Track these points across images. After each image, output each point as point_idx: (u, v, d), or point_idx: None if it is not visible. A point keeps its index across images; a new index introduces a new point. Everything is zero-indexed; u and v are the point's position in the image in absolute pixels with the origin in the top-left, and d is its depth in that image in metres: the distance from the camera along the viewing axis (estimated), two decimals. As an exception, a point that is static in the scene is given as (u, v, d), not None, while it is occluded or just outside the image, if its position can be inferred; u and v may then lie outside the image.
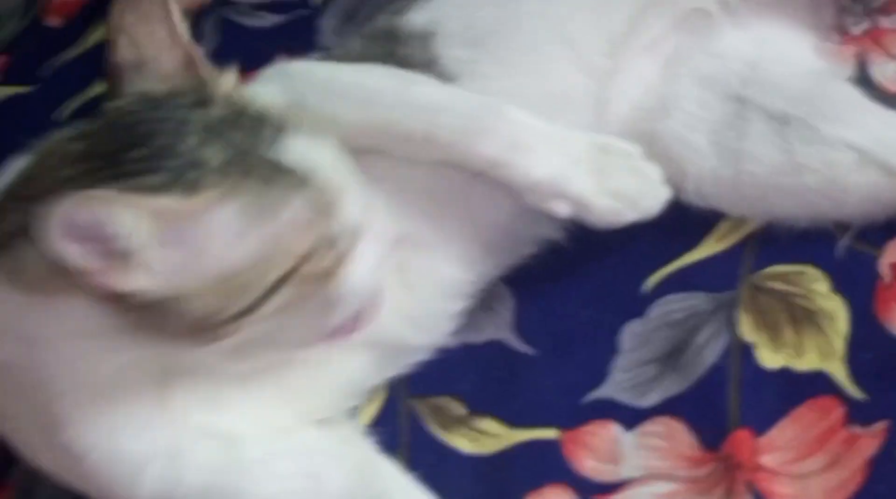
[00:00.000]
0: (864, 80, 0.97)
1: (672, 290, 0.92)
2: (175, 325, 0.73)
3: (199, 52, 0.80)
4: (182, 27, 0.79)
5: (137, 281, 0.70)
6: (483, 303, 0.95)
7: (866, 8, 1.03)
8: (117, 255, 0.69)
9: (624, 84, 0.94)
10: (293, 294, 0.74)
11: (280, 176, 0.74)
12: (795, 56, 0.96)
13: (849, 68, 0.98)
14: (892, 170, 0.87)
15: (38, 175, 0.75)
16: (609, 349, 0.90)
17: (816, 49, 0.99)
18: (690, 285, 0.91)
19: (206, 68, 0.79)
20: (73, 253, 0.68)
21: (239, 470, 0.81)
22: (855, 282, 0.87)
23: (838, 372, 0.83)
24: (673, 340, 0.89)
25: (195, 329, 0.73)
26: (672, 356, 0.88)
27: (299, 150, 0.75)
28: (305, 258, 0.74)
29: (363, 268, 0.77)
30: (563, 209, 0.87)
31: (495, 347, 0.93)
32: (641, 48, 0.95)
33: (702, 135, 0.92)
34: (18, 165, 0.77)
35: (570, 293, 0.94)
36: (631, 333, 0.91)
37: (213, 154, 0.73)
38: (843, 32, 1.02)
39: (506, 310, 0.95)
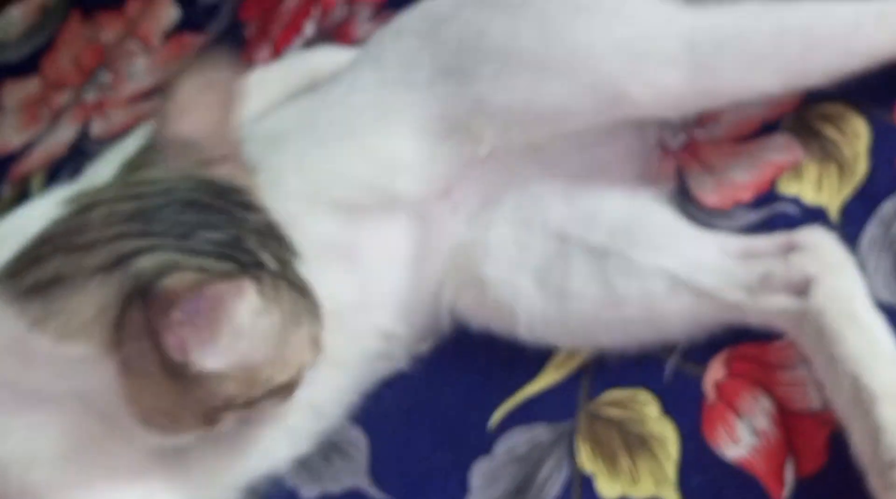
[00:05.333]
0: (683, 194, 1.01)
1: (516, 423, 0.94)
2: (194, 405, 0.80)
3: (241, 149, 0.86)
4: (236, 116, 0.86)
5: (214, 360, 0.77)
6: (339, 450, 0.98)
7: (682, 122, 1.06)
8: (216, 334, 0.76)
9: (435, 242, 0.98)
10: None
11: (308, 294, 0.83)
12: (614, 186, 0.98)
13: (669, 184, 1.02)
14: (701, 291, 0.89)
15: (82, 228, 0.79)
16: (460, 490, 0.92)
17: (637, 171, 1.02)
18: (532, 417, 0.94)
19: (246, 169, 0.85)
20: (183, 330, 0.75)
21: None
22: (682, 403, 0.90)
23: (671, 498, 0.86)
24: (519, 475, 0.92)
25: (205, 412, 0.81)
26: (519, 493, 0.91)
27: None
28: (298, 372, 0.84)
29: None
30: None
31: (353, 496, 0.95)
32: (445, 209, 0.98)
33: (526, 277, 0.95)
34: (41, 210, 0.82)
35: (421, 434, 0.97)
36: (480, 472, 0.93)
37: (268, 259, 0.81)
38: (662, 148, 1.06)
39: (361, 455, 0.97)
